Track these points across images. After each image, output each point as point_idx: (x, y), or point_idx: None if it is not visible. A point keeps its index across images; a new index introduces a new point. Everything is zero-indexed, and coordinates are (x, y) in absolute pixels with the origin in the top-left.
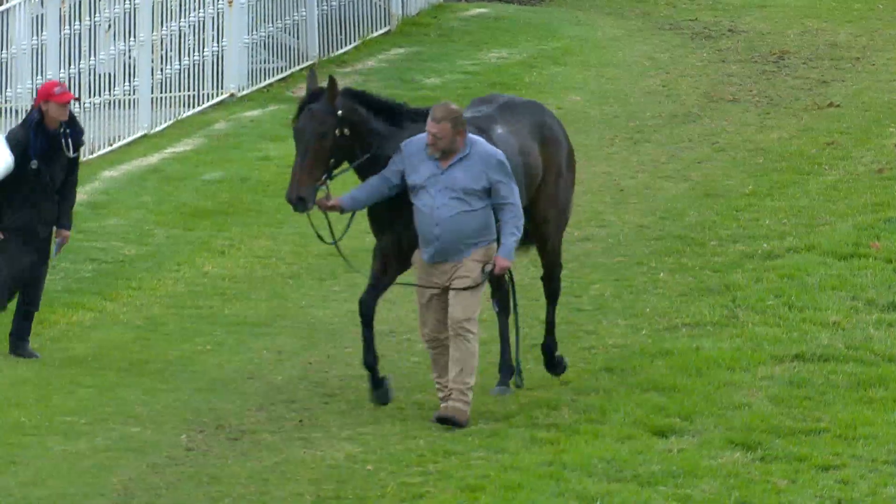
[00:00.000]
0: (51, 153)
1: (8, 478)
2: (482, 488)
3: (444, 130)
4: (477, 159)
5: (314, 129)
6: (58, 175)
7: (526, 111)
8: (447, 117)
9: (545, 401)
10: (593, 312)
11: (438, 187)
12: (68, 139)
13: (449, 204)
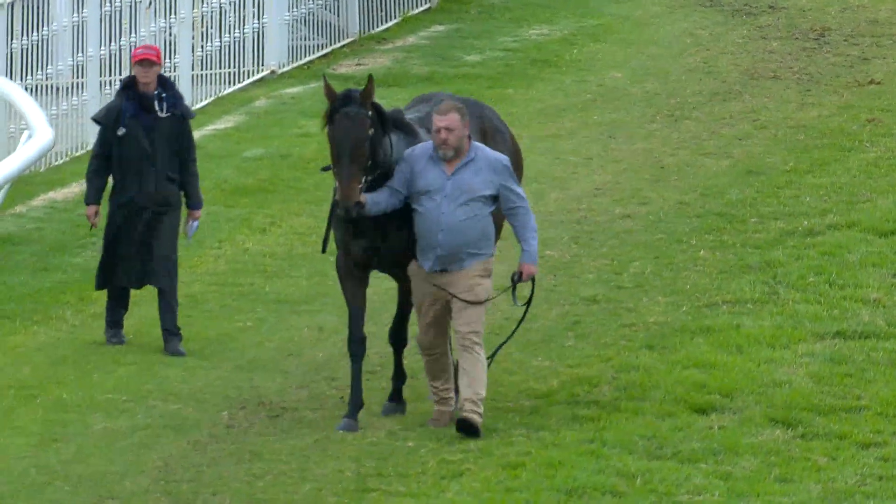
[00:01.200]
0: (142, 118)
1: (50, 455)
2: (523, 465)
3: (454, 121)
4: (484, 164)
5: (357, 134)
6: (159, 144)
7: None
8: (453, 108)
9: (586, 378)
10: (633, 290)
11: (445, 193)
12: (162, 102)
13: (455, 211)
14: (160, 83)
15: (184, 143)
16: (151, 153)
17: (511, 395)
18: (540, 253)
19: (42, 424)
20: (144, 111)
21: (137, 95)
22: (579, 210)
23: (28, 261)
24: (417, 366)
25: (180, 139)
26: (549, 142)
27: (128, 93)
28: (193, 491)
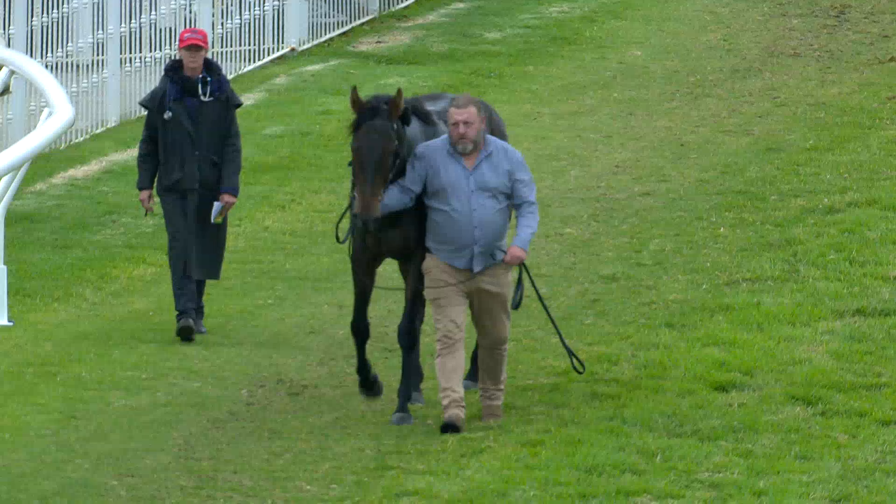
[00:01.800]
0: (186, 101)
1: (70, 432)
2: (542, 443)
3: (472, 115)
4: (501, 157)
5: (383, 148)
6: (203, 128)
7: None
8: (470, 102)
9: (606, 356)
10: (653, 267)
11: (471, 188)
12: (207, 86)
13: (486, 204)
14: (206, 67)
15: (228, 128)
16: (195, 137)
17: (531, 373)
18: (559, 230)
19: (62, 401)
20: (188, 95)
21: (181, 79)
22: (599, 187)
23: (48, 238)
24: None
25: (224, 124)
26: (570, 119)
27: (172, 76)
28: (213, 468)
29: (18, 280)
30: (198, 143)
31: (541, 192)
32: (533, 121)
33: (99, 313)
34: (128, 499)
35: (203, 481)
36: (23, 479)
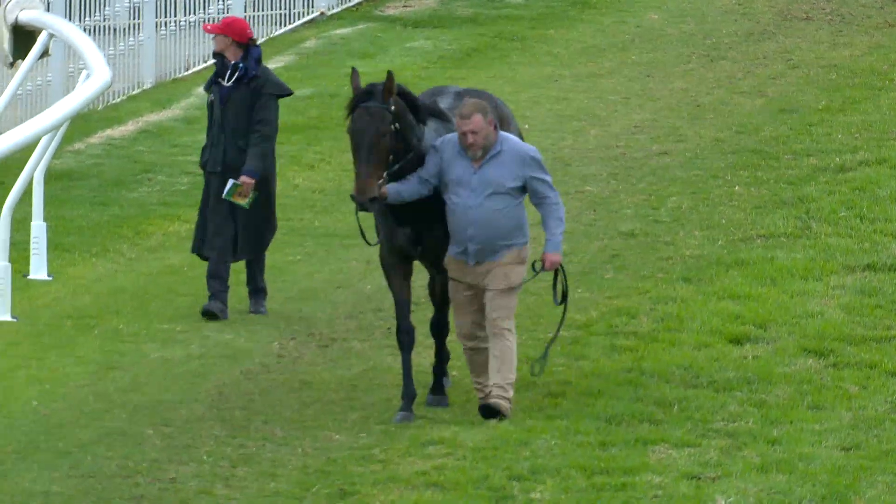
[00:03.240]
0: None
1: (107, 383)
2: (563, 394)
3: (479, 123)
4: (510, 157)
5: (376, 129)
6: (229, 112)
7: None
8: (475, 110)
9: (625, 309)
10: (671, 224)
11: (472, 187)
12: (235, 72)
13: (483, 204)
14: (243, 54)
15: (255, 114)
16: (221, 121)
17: (552, 326)
18: (579, 188)
19: (100, 353)
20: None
21: (221, 64)
22: (618, 147)
23: (86, 195)
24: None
25: (252, 111)
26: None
27: (217, 60)
28: (246, 418)
29: (58, 236)
30: (224, 126)
31: (562, 151)
32: (554, 82)
33: (135, 268)
34: (163, 447)
35: (236, 430)
36: (62, 428)
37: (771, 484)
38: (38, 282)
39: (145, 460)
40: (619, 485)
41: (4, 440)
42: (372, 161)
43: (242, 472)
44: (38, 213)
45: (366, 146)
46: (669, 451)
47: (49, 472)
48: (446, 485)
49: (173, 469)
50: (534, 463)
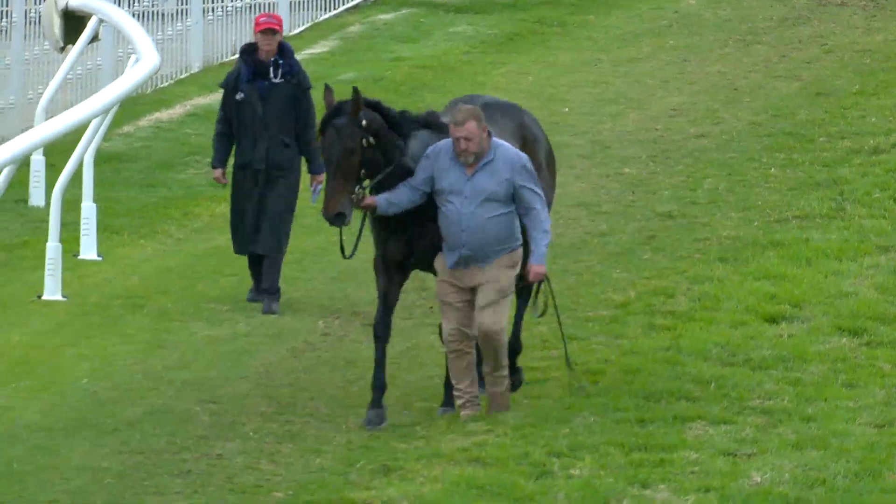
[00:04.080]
0: (257, 83)
1: (155, 361)
2: (603, 372)
3: (472, 130)
4: (502, 164)
5: (344, 146)
6: (272, 109)
7: (506, 113)
8: (469, 116)
9: (662, 289)
10: (707, 205)
11: (466, 193)
12: (278, 69)
13: (476, 211)
14: (279, 50)
15: (300, 110)
16: (264, 118)
17: (591, 305)
18: (618, 170)
19: (148, 332)
20: (260, 77)
21: (255, 61)
22: (656, 130)
23: (135, 177)
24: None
25: (296, 106)
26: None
27: (246, 59)
28: (291, 395)
29: (107, 217)
30: (267, 124)
31: (601, 134)
32: (593, 67)
33: (183, 249)
34: (210, 424)
35: (282, 407)
36: (111, 405)
37: (805, 460)
38: (88, 262)
39: (192, 437)
40: (657, 461)
41: (54, 417)
42: (339, 178)
43: (288, 448)
44: (87, 195)
45: (334, 163)
46: (706, 428)
47: (98, 448)
48: (487, 461)
49: (220, 445)
50: (573, 440)
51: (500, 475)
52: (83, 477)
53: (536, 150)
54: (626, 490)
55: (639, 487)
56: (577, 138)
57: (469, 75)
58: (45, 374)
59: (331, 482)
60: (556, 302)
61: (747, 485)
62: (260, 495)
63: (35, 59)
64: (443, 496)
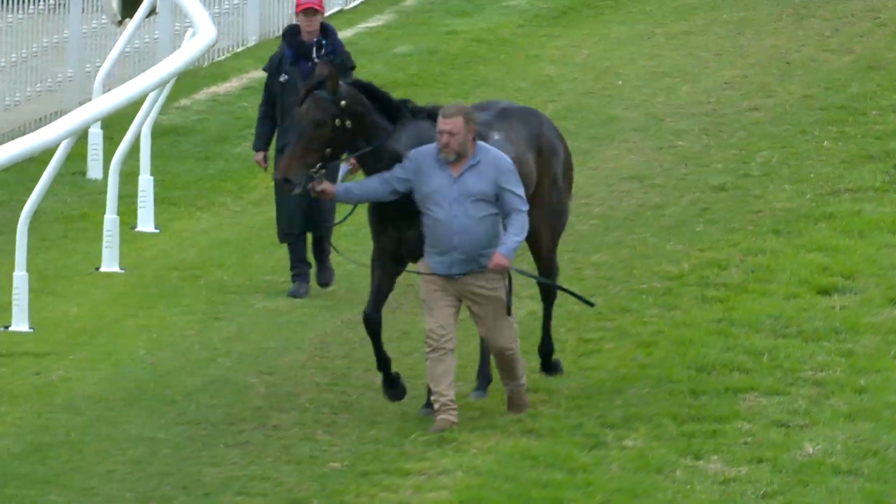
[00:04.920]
0: (301, 64)
1: (212, 333)
2: (656, 343)
3: (458, 126)
4: (488, 165)
5: (312, 117)
6: None
7: (523, 119)
8: (458, 112)
9: (715, 261)
10: (760, 178)
11: (454, 196)
12: (321, 49)
13: (467, 212)
14: (322, 31)
15: None
16: None
17: (645, 277)
18: (671, 143)
19: (205, 304)
20: (303, 58)
21: (297, 43)
22: (709, 103)
23: (192, 150)
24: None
25: None
26: (682, 38)
27: (289, 40)
28: (347, 366)
29: (164, 190)
30: None
31: (654, 107)
32: (647, 40)
33: (239, 221)
34: (266, 395)
35: (337, 378)
36: (169, 376)
37: (858, 431)
38: (146, 234)
39: (249, 408)
40: (710, 432)
41: (113, 388)
42: (300, 146)
43: (343, 419)
44: (145, 168)
45: (299, 131)
46: (759, 399)
47: (156, 419)
48: (541, 432)
49: (276, 416)
50: (626, 411)
51: (554, 446)
52: (141, 447)
53: (553, 162)
54: (678, 461)
55: (691, 458)
56: (631, 111)
57: (523, 48)
58: (103, 345)
59: (386, 453)
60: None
61: (799, 456)
62: (316, 466)
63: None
64: (497, 467)
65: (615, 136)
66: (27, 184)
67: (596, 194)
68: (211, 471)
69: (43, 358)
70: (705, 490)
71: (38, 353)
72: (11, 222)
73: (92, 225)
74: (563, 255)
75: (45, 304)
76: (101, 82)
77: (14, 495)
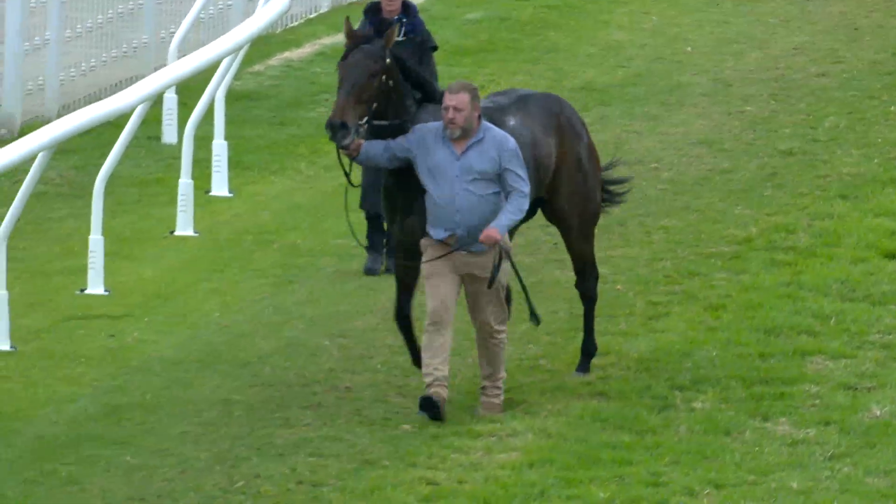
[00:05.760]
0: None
1: (285, 296)
2: (724, 307)
3: (463, 101)
4: (491, 144)
5: (367, 67)
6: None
7: (541, 103)
8: (464, 88)
9: (783, 225)
10: (828, 143)
11: (456, 173)
12: (401, 27)
13: (469, 189)
14: (403, 8)
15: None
16: None
17: (713, 241)
18: (740, 108)
19: (278, 268)
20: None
21: (378, 20)
22: (777, 68)
23: (265, 115)
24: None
25: (420, 65)
26: (750, 4)
27: (370, 17)
28: (419, 329)
29: (238, 154)
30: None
31: (723, 72)
32: (716, 6)
33: (312, 185)
34: (339, 358)
35: None
36: (242, 339)
37: None
38: (219, 198)
39: (322, 370)
40: (778, 394)
41: (187, 350)
42: (353, 95)
43: (415, 381)
44: (219, 133)
45: (352, 80)
46: (826, 362)
47: (230, 381)
48: (611, 394)
49: (349, 378)
50: (695, 373)
51: (623, 408)
52: (215, 409)
53: (575, 146)
54: (746, 423)
55: (760, 420)
56: (700, 77)
57: (592, 14)
58: (177, 308)
59: (457, 415)
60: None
61: (867, 417)
62: (388, 428)
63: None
64: (566, 428)
65: (684, 102)
66: (103, 148)
67: (665, 159)
68: (284, 432)
69: (118, 320)
70: (773, 451)
71: (113, 315)
72: (87, 186)
73: (166, 189)
74: (633, 219)
75: (121, 267)
76: (176, 48)
77: (90, 456)
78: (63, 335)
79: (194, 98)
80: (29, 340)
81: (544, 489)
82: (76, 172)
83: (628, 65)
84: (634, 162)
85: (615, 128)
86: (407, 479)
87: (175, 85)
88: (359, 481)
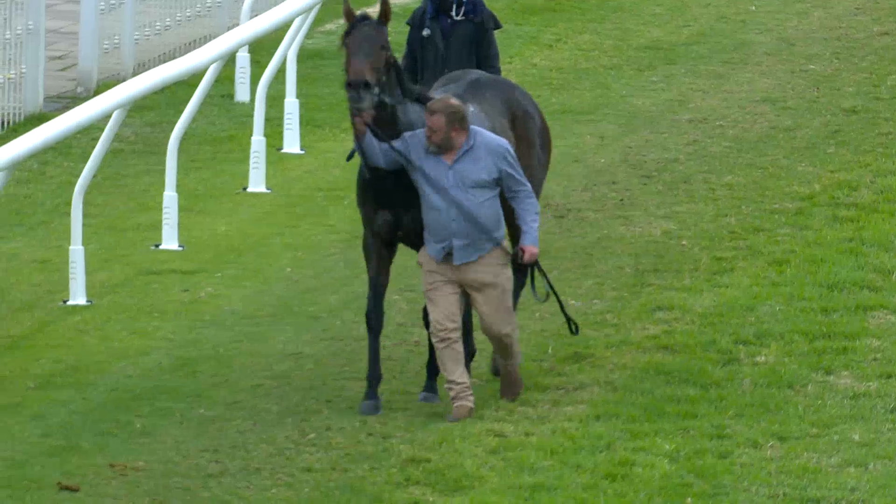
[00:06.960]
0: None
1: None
2: (788, 262)
3: (438, 124)
4: (483, 150)
5: (379, 38)
6: (453, 47)
7: (495, 88)
8: (442, 111)
9: (846, 182)
10: (891, 101)
11: (450, 182)
12: (460, 7)
13: (466, 197)
14: None
15: (483, 50)
16: (445, 55)
17: (777, 198)
18: (803, 67)
19: (349, 223)
20: (443, 14)
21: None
22: (840, 27)
23: (336, 73)
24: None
25: (479, 46)
26: None
27: None
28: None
29: (309, 112)
30: (447, 61)
31: (786, 31)
32: None
33: None
34: (408, 311)
35: None
36: (312, 293)
37: None
38: (291, 155)
39: (391, 323)
40: (840, 349)
41: (260, 304)
42: (372, 56)
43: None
44: (291, 91)
45: (367, 47)
46: (888, 316)
47: (301, 335)
48: (675, 348)
49: (417, 332)
50: (759, 328)
51: (688, 362)
52: (286, 362)
53: (528, 126)
54: (809, 376)
55: (822, 374)
56: (763, 35)
57: None
58: (250, 263)
59: (524, 367)
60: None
61: None
62: None
63: None
64: (632, 382)
65: (748, 60)
66: (177, 106)
67: (729, 116)
68: (354, 385)
69: (192, 275)
70: (836, 404)
71: (187, 270)
72: (162, 143)
73: (239, 146)
74: (698, 176)
75: (194, 222)
76: (249, 8)
77: (164, 408)
78: (138, 290)
79: (267, 57)
80: (104, 295)
81: (610, 441)
82: (151, 130)
83: (693, 24)
84: (700, 120)
85: (680, 86)
86: (475, 431)
87: (248, 44)
88: (427, 433)
